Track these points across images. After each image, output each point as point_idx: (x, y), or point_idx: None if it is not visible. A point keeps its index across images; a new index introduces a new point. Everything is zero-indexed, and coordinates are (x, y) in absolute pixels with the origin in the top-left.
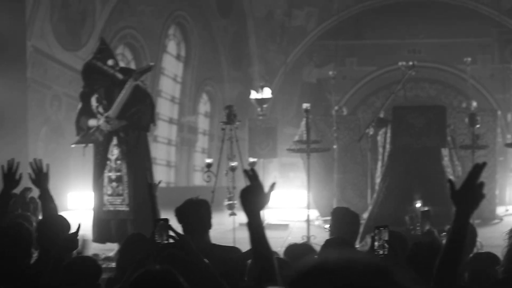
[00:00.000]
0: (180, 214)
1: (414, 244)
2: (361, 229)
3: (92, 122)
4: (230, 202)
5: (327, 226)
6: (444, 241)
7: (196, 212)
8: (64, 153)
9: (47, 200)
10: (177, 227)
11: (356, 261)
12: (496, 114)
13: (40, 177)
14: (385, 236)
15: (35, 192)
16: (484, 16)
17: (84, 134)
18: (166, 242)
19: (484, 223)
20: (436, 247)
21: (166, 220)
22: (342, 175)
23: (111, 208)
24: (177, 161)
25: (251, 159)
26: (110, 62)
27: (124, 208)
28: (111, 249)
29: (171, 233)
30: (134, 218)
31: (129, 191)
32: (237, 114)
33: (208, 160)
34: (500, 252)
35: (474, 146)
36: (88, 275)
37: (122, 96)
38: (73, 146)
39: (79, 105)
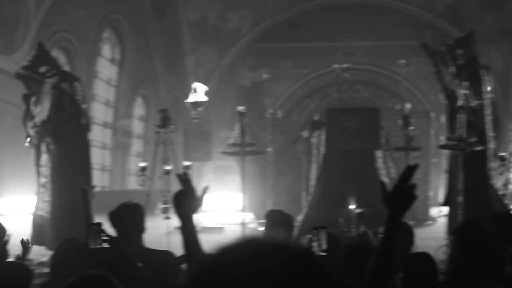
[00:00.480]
0: (114, 218)
1: (346, 246)
2: (296, 231)
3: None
4: (165, 205)
5: (262, 229)
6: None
7: (130, 216)
8: None
9: None
10: (111, 231)
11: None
12: (430, 116)
13: None
14: (323, 237)
15: None
16: (417, 19)
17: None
18: (100, 246)
19: (417, 224)
20: (367, 248)
21: (100, 224)
22: (277, 178)
23: (42, 213)
24: (112, 165)
25: (186, 163)
26: (42, 69)
27: (47, 214)
28: (46, 254)
29: (105, 237)
30: (52, 224)
31: (52, 198)
32: (172, 118)
33: (143, 164)
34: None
35: (408, 148)
36: (18, 280)
37: (46, 102)
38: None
39: (24, 107)
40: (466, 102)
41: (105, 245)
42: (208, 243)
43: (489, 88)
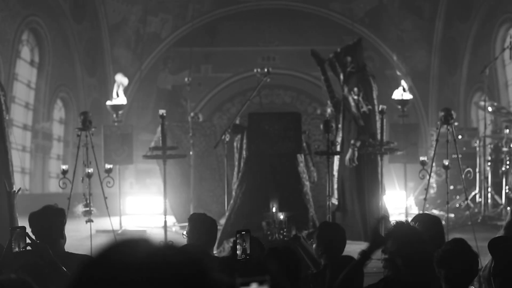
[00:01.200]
0: (34, 220)
1: (270, 249)
2: (219, 235)
3: None
4: (87, 208)
5: (185, 232)
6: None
7: (52, 220)
8: None
9: None
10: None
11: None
12: None
13: None
14: (247, 241)
15: None
16: (337, 24)
17: None
18: (23, 250)
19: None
20: (290, 251)
21: (23, 228)
22: (199, 181)
23: None
24: (32, 167)
25: (108, 166)
26: None
27: None
28: None
29: (29, 241)
30: None
31: None
32: (92, 121)
33: (64, 167)
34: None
35: (329, 152)
36: None
37: None
38: None
39: None
40: (357, 108)
41: (28, 248)
42: None
43: (376, 95)
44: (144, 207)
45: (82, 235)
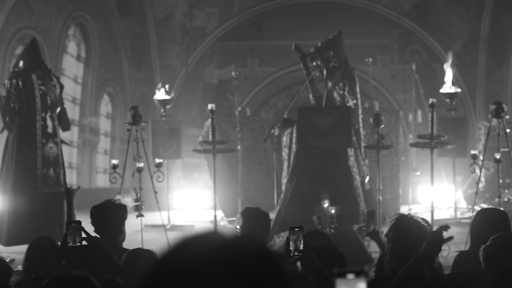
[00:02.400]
0: (96, 213)
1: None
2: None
3: None
4: (137, 203)
5: (238, 226)
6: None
7: (110, 214)
8: None
9: None
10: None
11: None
12: (399, 114)
13: None
14: (301, 237)
15: None
16: (383, 17)
17: None
18: (79, 245)
19: (388, 222)
20: (332, 249)
21: (79, 222)
22: (246, 176)
23: None
24: (79, 162)
25: (157, 160)
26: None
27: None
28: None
29: (85, 236)
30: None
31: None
32: (142, 115)
33: (114, 161)
34: None
35: (378, 146)
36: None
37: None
38: None
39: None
40: (342, 102)
41: (85, 243)
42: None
43: (358, 89)
44: (192, 202)
45: (131, 229)
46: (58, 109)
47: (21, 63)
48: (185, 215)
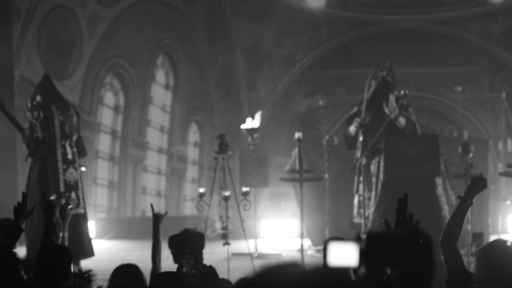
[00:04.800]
0: (173, 243)
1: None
2: None
3: None
4: (224, 231)
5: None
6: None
7: (188, 243)
8: None
9: None
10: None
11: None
12: (488, 143)
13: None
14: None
15: None
16: (472, 45)
17: None
18: (192, 272)
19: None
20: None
21: (192, 251)
22: (334, 205)
23: None
24: (167, 190)
25: (244, 189)
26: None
27: None
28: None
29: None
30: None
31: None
32: (229, 143)
33: (201, 190)
34: None
35: (467, 175)
36: None
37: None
38: None
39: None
40: (408, 121)
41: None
42: None
43: None
44: (279, 230)
45: (218, 257)
46: (75, 137)
47: (38, 97)
48: (272, 244)
